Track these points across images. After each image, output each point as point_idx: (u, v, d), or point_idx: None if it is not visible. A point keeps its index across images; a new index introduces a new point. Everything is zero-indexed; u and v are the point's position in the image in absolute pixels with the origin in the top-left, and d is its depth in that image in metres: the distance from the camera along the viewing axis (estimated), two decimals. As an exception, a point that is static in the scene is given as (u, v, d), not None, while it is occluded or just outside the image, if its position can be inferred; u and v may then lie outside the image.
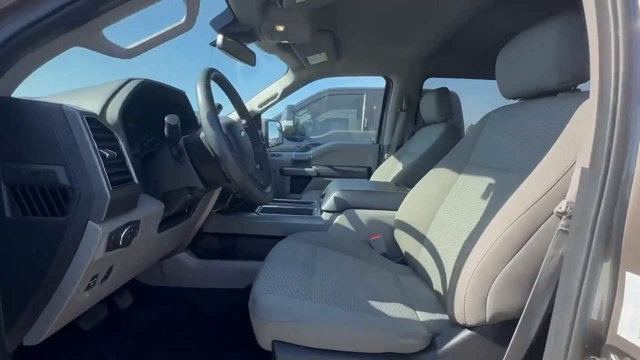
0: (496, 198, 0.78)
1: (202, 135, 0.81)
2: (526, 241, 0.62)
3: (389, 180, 1.72)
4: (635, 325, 0.37)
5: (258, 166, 1.12)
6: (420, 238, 1.03)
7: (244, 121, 1.09)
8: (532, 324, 0.53)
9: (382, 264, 1.05)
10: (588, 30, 0.45)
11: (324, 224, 1.31)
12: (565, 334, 0.42)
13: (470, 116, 2.37)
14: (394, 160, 1.98)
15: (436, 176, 1.09)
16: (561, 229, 0.51)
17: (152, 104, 0.88)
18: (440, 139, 1.63)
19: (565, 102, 0.72)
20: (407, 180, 1.63)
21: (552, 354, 0.44)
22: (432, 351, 0.70)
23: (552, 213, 0.60)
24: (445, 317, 0.75)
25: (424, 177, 1.14)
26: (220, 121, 0.90)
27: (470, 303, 0.65)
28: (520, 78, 0.82)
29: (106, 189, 0.60)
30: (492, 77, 0.91)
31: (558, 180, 0.60)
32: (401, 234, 1.14)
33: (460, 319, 0.67)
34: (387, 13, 1.38)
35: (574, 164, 0.59)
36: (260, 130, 2.41)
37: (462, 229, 0.84)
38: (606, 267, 0.40)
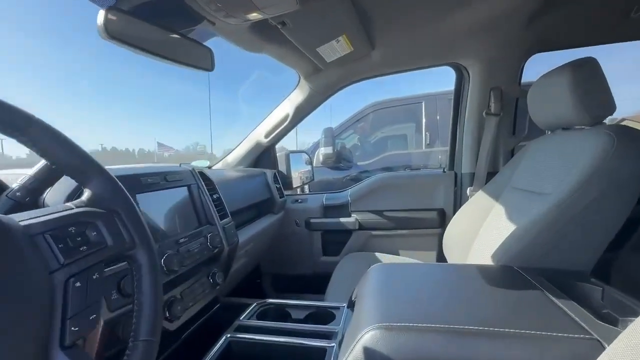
0: None
1: None
2: None
3: (491, 253, 0.85)
4: None
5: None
6: None
7: (84, 195, 0.41)
8: None
9: None
10: None
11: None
12: None
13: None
14: (486, 201, 1.11)
15: None
16: None
17: None
18: (598, 163, 0.74)
19: None
20: (540, 263, 0.76)
21: None
22: None
23: None
24: None
25: None
26: None
27: None
28: None
29: None
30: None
31: None
32: None
33: None
34: None
35: None
36: (277, 169, 1.77)
37: None
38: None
